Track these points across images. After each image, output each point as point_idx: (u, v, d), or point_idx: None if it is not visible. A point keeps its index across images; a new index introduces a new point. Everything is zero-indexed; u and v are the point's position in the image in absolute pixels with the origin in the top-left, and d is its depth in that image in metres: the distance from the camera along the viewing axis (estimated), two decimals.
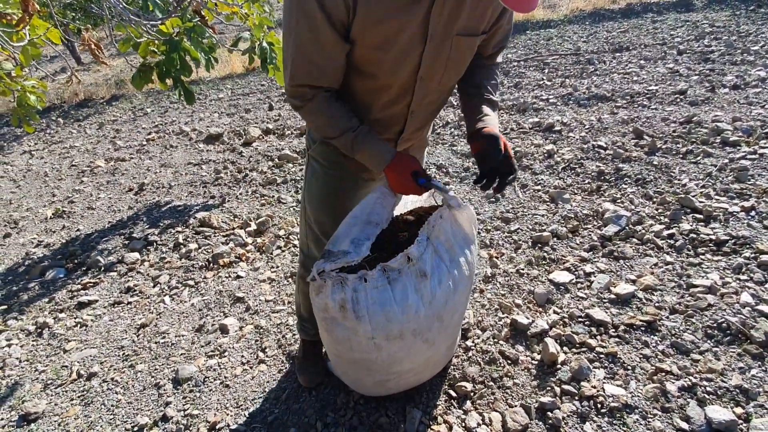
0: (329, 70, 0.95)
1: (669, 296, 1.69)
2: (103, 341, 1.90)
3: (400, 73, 0.97)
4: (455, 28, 0.94)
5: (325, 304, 0.94)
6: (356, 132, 1.02)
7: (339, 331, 0.95)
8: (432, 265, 1.01)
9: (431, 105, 1.12)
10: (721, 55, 4.21)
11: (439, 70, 1.01)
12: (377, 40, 0.90)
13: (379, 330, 0.93)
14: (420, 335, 0.98)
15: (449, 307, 1.03)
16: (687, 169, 2.50)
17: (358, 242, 1.00)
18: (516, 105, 3.77)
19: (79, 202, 3.50)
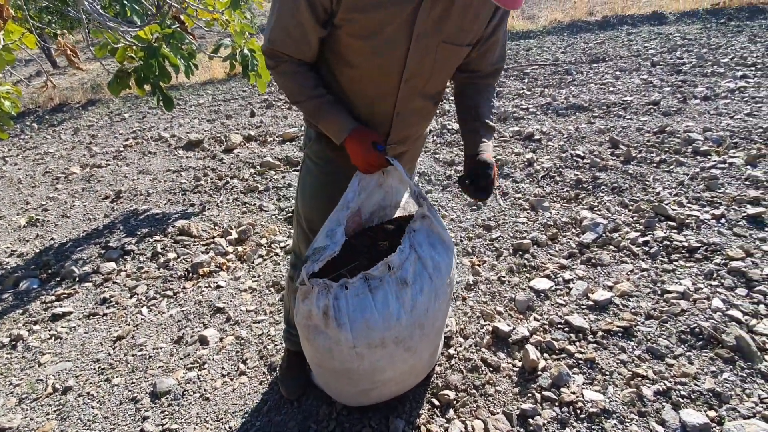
0: (303, 46, 1.00)
1: (644, 302, 1.74)
2: (79, 354, 1.84)
3: (382, 67, 0.99)
4: (442, 35, 0.97)
5: (309, 311, 0.94)
6: (323, 99, 1.05)
7: (321, 340, 0.95)
8: (414, 272, 1.02)
9: (417, 111, 1.14)
10: (693, 67, 4.38)
11: (423, 75, 1.04)
12: (361, 29, 0.93)
13: (360, 338, 0.93)
14: (402, 343, 0.98)
15: (430, 314, 1.04)
16: (661, 178, 2.58)
17: (331, 232, 1.01)
18: (496, 114, 3.83)
19: (54, 210, 3.40)
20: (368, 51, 0.97)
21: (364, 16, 0.91)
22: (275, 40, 0.99)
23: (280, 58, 1.02)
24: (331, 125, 1.06)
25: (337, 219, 1.01)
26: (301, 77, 1.04)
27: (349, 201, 1.03)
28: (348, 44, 0.97)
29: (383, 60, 0.98)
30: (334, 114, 1.05)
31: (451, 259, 1.13)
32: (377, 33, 0.93)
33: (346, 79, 1.06)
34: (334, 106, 1.06)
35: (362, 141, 1.05)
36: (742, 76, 3.98)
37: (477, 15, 0.98)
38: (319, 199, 1.23)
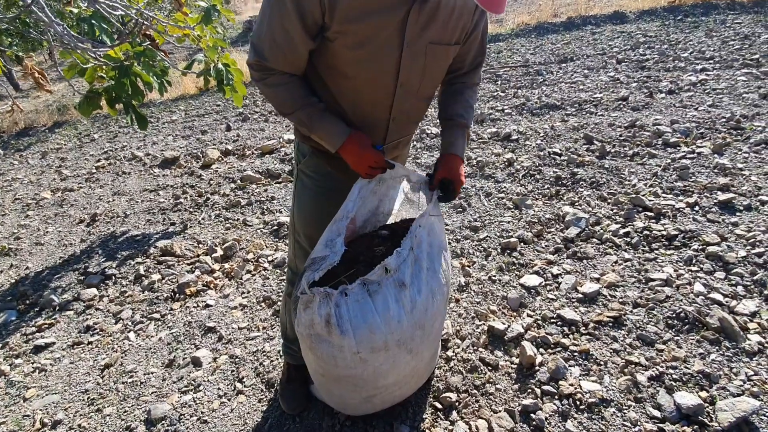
0: (293, 58, 1.00)
1: (631, 291, 1.79)
2: (66, 386, 1.77)
3: (377, 75, 1.01)
4: (428, 36, 0.99)
5: (311, 320, 0.94)
6: (314, 108, 1.04)
7: (324, 348, 0.95)
8: (411, 274, 1.03)
9: (412, 113, 1.16)
10: (656, 62, 4.57)
11: (417, 78, 1.06)
12: (355, 38, 0.94)
13: (363, 343, 0.93)
14: (404, 345, 0.99)
15: (430, 314, 1.05)
16: (635, 171, 2.68)
17: (330, 242, 1.01)
18: (474, 116, 3.90)
19: (26, 238, 3.27)
20: (363, 59, 0.98)
21: (357, 25, 0.92)
22: (263, 52, 0.99)
23: (268, 70, 1.01)
24: (325, 133, 1.06)
25: (337, 229, 1.01)
26: (291, 88, 1.04)
27: (348, 211, 1.03)
28: (342, 55, 0.98)
29: (378, 67, 0.99)
30: (328, 121, 1.05)
31: (446, 258, 1.14)
32: (371, 41, 0.94)
33: (341, 90, 1.06)
34: (326, 113, 1.05)
35: (361, 144, 1.05)
36: (702, 69, 4.18)
37: (461, 14, 1.02)
38: (317, 215, 1.22)
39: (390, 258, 0.98)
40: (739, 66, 4.08)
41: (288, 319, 1.41)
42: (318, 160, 1.20)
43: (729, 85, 3.71)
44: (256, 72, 1.03)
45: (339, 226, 1.02)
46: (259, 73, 1.03)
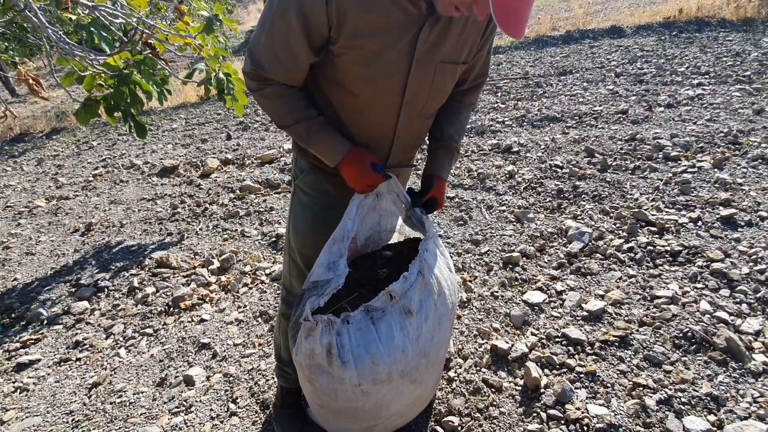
0: (293, 71, 0.95)
1: (636, 309, 1.75)
2: (49, 407, 1.70)
3: (382, 93, 0.97)
4: (439, 55, 0.96)
5: (312, 349, 0.88)
6: (313, 122, 1.00)
7: (324, 380, 0.89)
8: (419, 300, 0.98)
9: (415, 131, 1.12)
10: (653, 76, 4.59)
11: (423, 96, 1.02)
12: (363, 55, 0.90)
13: (365, 375, 0.88)
14: (408, 375, 0.94)
15: (435, 342, 1.00)
16: (637, 184, 2.65)
17: (333, 265, 0.97)
18: (474, 128, 3.89)
19: (17, 248, 3.20)
20: (369, 77, 0.94)
21: (366, 41, 0.88)
22: (262, 62, 0.94)
23: (265, 80, 0.97)
24: (324, 147, 1.02)
25: (339, 250, 0.97)
26: (290, 100, 0.99)
27: (349, 230, 0.99)
28: (347, 71, 0.94)
29: (384, 85, 0.96)
30: (328, 135, 1.01)
31: (454, 282, 1.09)
32: (379, 57, 0.91)
33: (344, 106, 1.02)
34: (326, 127, 1.01)
35: (360, 161, 1.01)
36: (698, 84, 4.20)
37: (470, 32, 0.99)
38: (314, 233, 1.18)
39: (395, 284, 0.93)
40: (733, 82, 4.11)
41: (282, 341, 1.36)
42: (316, 176, 1.16)
43: (725, 100, 3.73)
44: (253, 81, 0.98)
45: (340, 246, 0.97)
46: (255, 82, 0.98)
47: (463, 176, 3.10)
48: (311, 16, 0.84)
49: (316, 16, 0.84)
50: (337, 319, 0.89)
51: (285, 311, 1.33)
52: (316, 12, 0.84)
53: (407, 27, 0.88)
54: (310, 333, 0.89)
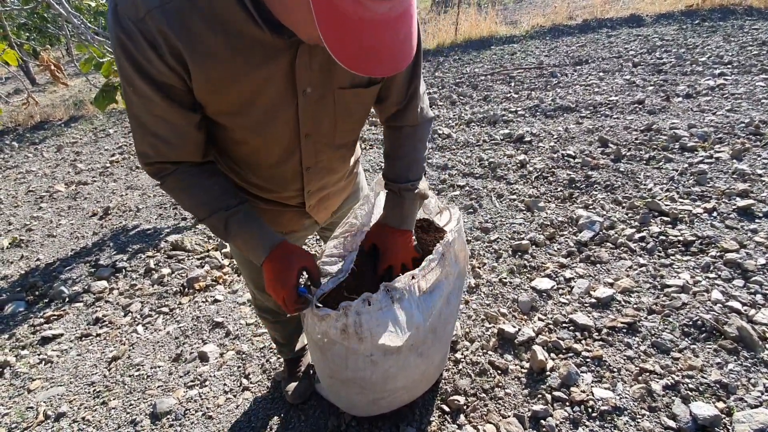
0: (177, 144, 0.78)
1: (646, 297, 1.75)
2: (72, 378, 1.77)
3: (271, 135, 0.83)
4: (335, 81, 0.81)
5: (325, 332, 0.91)
6: (231, 212, 0.85)
7: (336, 350, 0.93)
8: (437, 280, 0.99)
9: (328, 162, 0.98)
10: (672, 66, 4.49)
11: (327, 127, 0.88)
12: (229, 106, 0.75)
13: (378, 347, 0.91)
14: (415, 349, 0.96)
15: (443, 318, 1.03)
16: (651, 175, 2.62)
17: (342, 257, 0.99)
18: (486, 117, 3.87)
19: (38, 230, 3.31)
20: (248, 124, 0.79)
21: (227, 96, 0.73)
22: (146, 152, 0.79)
23: (164, 170, 0.82)
24: (245, 244, 0.87)
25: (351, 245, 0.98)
26: (198, 189, 0.84)
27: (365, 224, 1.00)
28: (221, 121, 0.79)
29: (271, 127, 0.81)
30: (249, 229, 0.86)
31: (467, 259, 1.11)
32: (252, 105, 0.76)
33: (237, 154, 0.88)
34: (246, 217, 0.86)
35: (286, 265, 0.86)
36: (720, 74, 4.09)
37: None
38: (251, 268, 1.13)
39: (418, 270, 0.94)
40: (758, 71, 3.99)
41: (270, 332, 1.44)
42: None
43: (747, 91, 3.63)
44: (153, 177, 0.84)
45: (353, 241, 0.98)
46: (156, 177, 0.83)
47: (474, 165, 3.09)
48: (154, 73, 0.68)
49: (160, 72, 0.68)
50: (349, 305, 0.89)
51: (260, 314, 1.37)
52: (156, 68, 0.68)
53: (275, 61, 0.72)
54: (323, 320, 0.91)
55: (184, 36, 0.65)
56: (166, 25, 0.64)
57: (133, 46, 0.65)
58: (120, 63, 0.69)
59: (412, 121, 0.99)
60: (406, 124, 1.00)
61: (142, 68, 0.68)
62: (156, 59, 0.66)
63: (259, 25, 0.66)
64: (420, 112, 0.99)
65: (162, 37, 0.65)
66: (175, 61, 0.67)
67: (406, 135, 1.01)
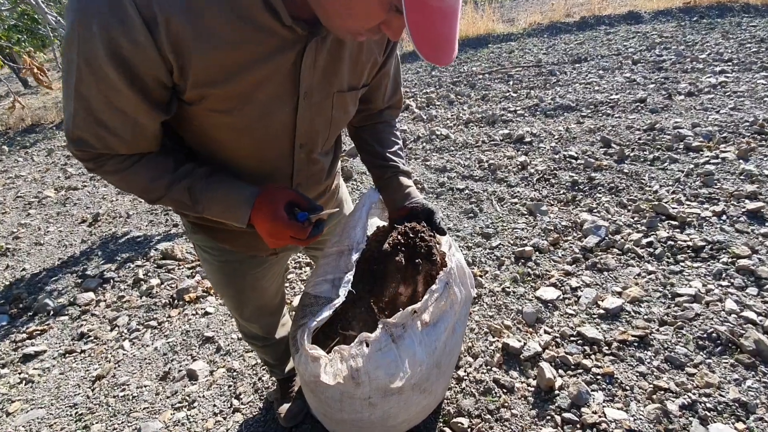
0: (131, 141, 0.67)
1: (656, 307, 1.67)
2: (53, 399, 1.68)
3: (263, 141, 0.75)
4: (335, 84, 0.76)
5: (317, 375, 0.81)
6: (193, 178, 0.73)
7: (330, 393, 0.83)
8: (442, 312, 0.90)
9: (318, 173, 0.91)
10: (673, 63, 4.41)
11: (321, 134, 0.82)
12: (226, 101, 0.67)
13: (377, 390, 0.81)
14: (418, 387, 0.87)
15: (448, 350, 0.94)
16: (656, 176, 2.54)
17: (338, 281, 0.89)
18: (485, 117, 3.79)
19: (26, 238, 3.21)
20: (239, 125, 0.70)
21: (225, 88, 0.64)
22: (85, 140, 0.65)
23: (102, 156, 0.69)
24: (223, 207, 0.74)
25: (345, 266, 0.87)
26: (148, 166, 0.72)
27: (359, 242, 0.90)
28: (210, 121, 0.70)
29: (264, 132, 0.73)
30: (220, 191, 0.73)
31: (471, 284, 1.02)
32: (249, 100, 0.68)
33: (216, 160, 0.78)
34: (213, 181, 0.74)
35: (272, 207, 0.73)
36: (720, 71, 4.02)
37: (371, 48, 0.79)
38: (227, 296, 1.06)
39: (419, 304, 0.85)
40: (758, 69, 3.93)
41: (258, 353, 1.35)
42: (207, 234, 0.92)
43: (749, 88, 3.56)
44: (87, 162, 0.69)
45: (348, 262, 0.88)
46: (89, 162, 0.69)
47: (474, 167, 3.01)
48: (134, 60, 0.57)
49: (143, 60, 0.58)
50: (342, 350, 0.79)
51: (245, 339, 1.29)
52: (141, 54, 0.57)
53: (282, 52, 0.65)
54: (316, 360, 0.82)
55: (191, 17, 0.57)
56: (171, 3, 0.55)
57: (118, 21, 0.54)
58: (82, 34, 0.55)
59: (393, 118, 1.03)
60: (387, 120, 1.02)
61: (120, 52, 0.56)
62: (147, 43, 0.56)
63: (273, 11, 0.60)
64: (397, 114, 1.04)
65: (164, 17, 0.55)
66: (171, 48, 0.58)
67: (389, 127, 1.02)
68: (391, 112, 1.02)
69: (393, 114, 1.03)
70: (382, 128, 1.01)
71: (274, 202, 0.73)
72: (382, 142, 1.00)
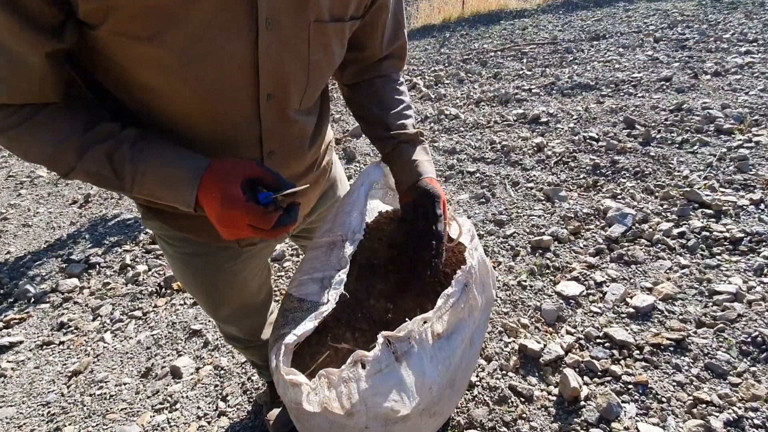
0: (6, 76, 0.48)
1: (692, 306, 1.49)
2: (25, 396, 1.55)
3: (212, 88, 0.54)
4: (312, 11, 0.56)
5: (298, 402, 0.63)
6: (116, 141, 0.53)
7: (316, 422, 0.66)
8: (459, 320, 0.72)
9: (298, 138, 0.69)
10: (696, 42, 4.14)
11: (295, 82, 0.61)
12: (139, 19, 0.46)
13: (376, 419, 0.64)
14: (427, 411, 0.70)
15: (464, 365, 0.77)
16: (685, 160, 2.33)
17: (328, 281, 0.72)
18: (497, 96, 3.56)
19: (15, 219, 3.07)
20: (171, 62, 0.50)
21: None
22: None
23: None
24: (157, 186, 0.55)
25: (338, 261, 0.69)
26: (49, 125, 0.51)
27: (355, 230, 0.71)
28: (127, 54, 0.49)
29: (209, 73, 0.52)
30: (153, 160, 0.54)
31: (492, 285, 0.84)
32: (176, 22, 0.47)
33: (154, 123, 0.58)
34: (145, 144, 0.55)
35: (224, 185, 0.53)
36: (746, 51, 3.76)
37: None
38: (192, 290, 0.88)
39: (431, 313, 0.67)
40: None
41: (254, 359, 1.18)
42: (161, 221, 0.73)
43: None
44: None
45: (340, 255, 0.70)
46: None
47: (485, 149, 2.80)
48: None
49: None
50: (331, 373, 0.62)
51: (227, 341, 1.12)
52: None
53: None
54: (292, 386, 0.64)
55: None
56: None
57: None
58: None
59: (396, 71, 0.82)
60: (392, 74, 0.81)
61: None
62: None
63: None
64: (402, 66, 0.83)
65: None
66: None
67: (392, 83, 0.81)
68: (392, 63, 0.80)
69: (395, 66, 0.81)
70: (381, 84, 0.79)
71: (225, 178, 0.53)
72: (383, 102, 0.78)
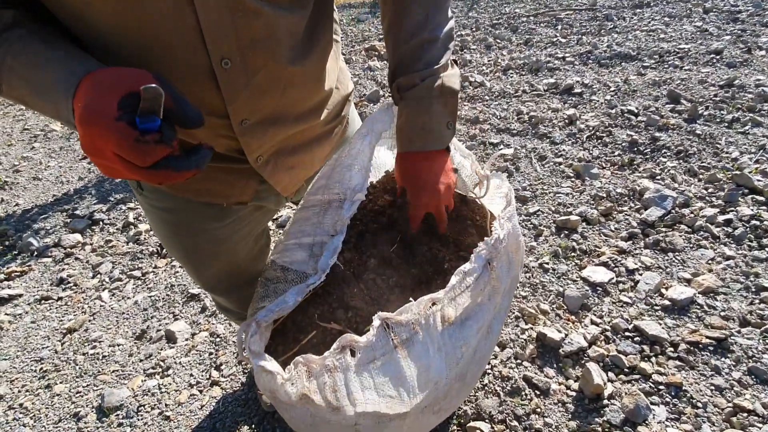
0: None
1: (736, 302, 1.33)
2: (19, 350, 1.51)
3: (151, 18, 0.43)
4: None
5: (273, 391, 0.52)
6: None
7: (296, 414, 0.55)
8: (477, 304, 0.59)
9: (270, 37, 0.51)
10: (750, 15, 3.75)
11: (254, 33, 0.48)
12: None
13: (367, 417, 0.53)
14: (430, 408, 0.59)
15: (478, 357, 0.65)
16: (735, 140, 2.10)
17: (319, 248, 0.60)
18: (528, 64, 3.30)
19: (26, 172, 3.04)
20: None
21: None
22: None
23: None
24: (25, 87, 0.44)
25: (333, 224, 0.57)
26: None
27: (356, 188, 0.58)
28: None
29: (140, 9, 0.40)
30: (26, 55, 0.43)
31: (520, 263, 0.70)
32: None
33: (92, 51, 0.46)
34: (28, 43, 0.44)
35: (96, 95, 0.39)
36: None
37: None
38: (174, 250, 0.77)
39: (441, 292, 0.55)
40: None
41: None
42: None
43: None
44: None
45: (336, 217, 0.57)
46: None
47: (511, 119, 2.60)
48: None
49: None
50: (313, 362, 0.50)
51: (220, 312, 1.05)
52: None
53: None
54: (269, 373, 0.52)
55: None
56: None
57: None
58: None
59: None
60: None
61: None
62: None
63: None
64: None
65: None
66: None
67: None
68: None
69: None
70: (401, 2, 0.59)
71: (99, 86, 0.38)
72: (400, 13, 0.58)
